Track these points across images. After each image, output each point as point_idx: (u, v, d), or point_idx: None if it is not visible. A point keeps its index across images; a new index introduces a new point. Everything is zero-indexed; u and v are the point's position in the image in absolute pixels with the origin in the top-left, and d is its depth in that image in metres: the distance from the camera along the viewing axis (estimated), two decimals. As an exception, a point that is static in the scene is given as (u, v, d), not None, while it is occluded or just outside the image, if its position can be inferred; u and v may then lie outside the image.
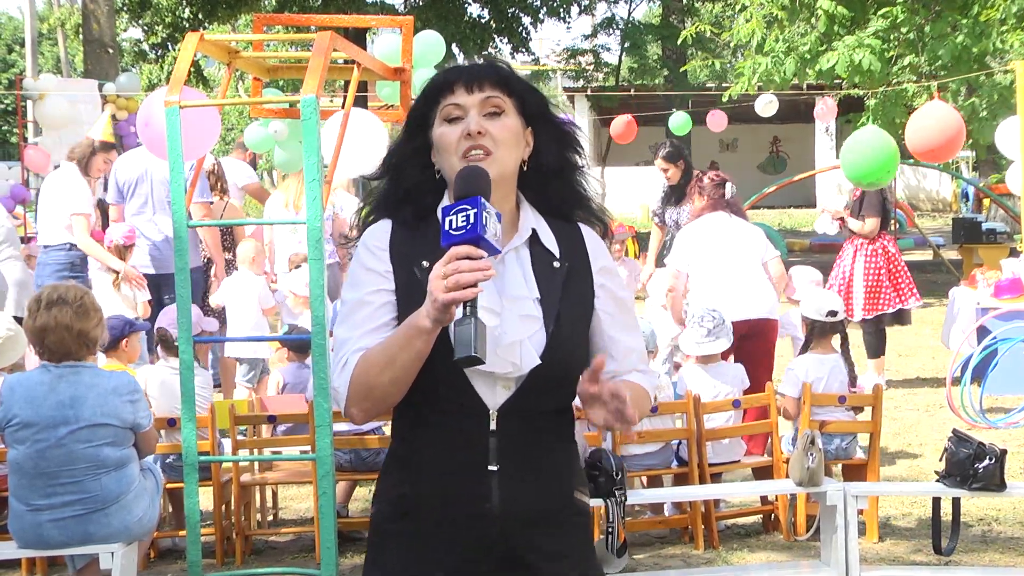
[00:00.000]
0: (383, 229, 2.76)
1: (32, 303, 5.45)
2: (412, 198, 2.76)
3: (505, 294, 2.66)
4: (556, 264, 2.73)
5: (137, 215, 9.74)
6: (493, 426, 2.64)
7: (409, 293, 2.65)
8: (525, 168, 2.76)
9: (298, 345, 7.77)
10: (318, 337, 5.45)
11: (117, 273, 9.21)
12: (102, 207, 10.39)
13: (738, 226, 8.30)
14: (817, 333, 7.26)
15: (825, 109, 17.41)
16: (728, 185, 8.43)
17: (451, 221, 2.46)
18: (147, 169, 9.64)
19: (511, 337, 2.62)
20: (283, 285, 9.69)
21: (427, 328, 2.50)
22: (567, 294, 2.71)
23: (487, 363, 2.48)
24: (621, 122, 18.86)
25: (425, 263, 2.61)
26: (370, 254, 2.73)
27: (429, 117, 2.74)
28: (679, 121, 19.74)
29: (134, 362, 7.28)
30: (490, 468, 2.64)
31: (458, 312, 2.44)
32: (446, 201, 2.70)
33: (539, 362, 2.62)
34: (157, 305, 9.09)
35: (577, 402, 2.75)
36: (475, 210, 2.44)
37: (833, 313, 7.27)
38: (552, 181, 2.80)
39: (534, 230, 2.74)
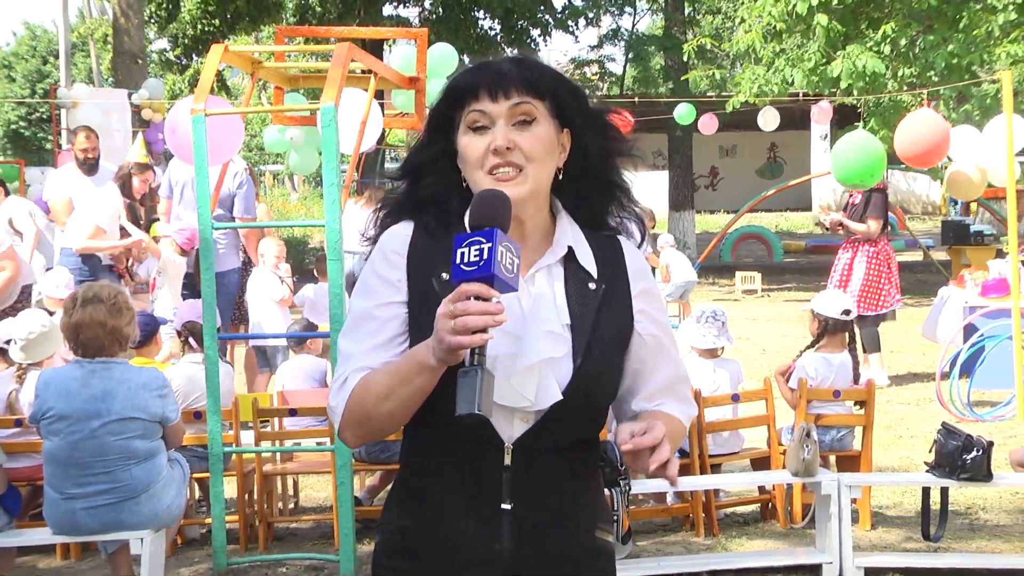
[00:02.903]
0: (404, 233, 2.38)
1: (68, 301, 5.49)
2: (437, 202, 2.39)
3: (530, 317, 2.28)
4: (592, 285, 2.35)
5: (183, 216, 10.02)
6: (508, 461, 2.27)
7: (424, 305, 2.29)
8: (560, 176, 2.38)
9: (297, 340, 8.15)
10: (336, 334, 5.47)
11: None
12: (133, 212, 10.45)
13: None
14: (829, 331, 7.27)
15: (821, 112, 17.41)
16: None
17: (463, 254, 2.12)
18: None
19: (530, 358, 2.25)
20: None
21: (431, 366, 2.16)
22: (601, 320, 2.33)
23: (498, 396, 2.17)
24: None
25: (445, 275, 2.25)
26: (384, 261, 2.37)
27: (454, 120, 2.35)
28: (684, 111, 19.66)
29: (159, 356, 7.33)
30: (503, 507, 2.28)
31: (464, 358, 2.12)
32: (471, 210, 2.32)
33: (559, 398, 2.25)
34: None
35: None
36: (489, 244, 2.10)
37: (847, 312, 7.29)
38: (592, 181, 2.41)
39: (570, 247, 2.36)
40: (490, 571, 2.30)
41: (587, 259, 2.37)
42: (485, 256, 2.10)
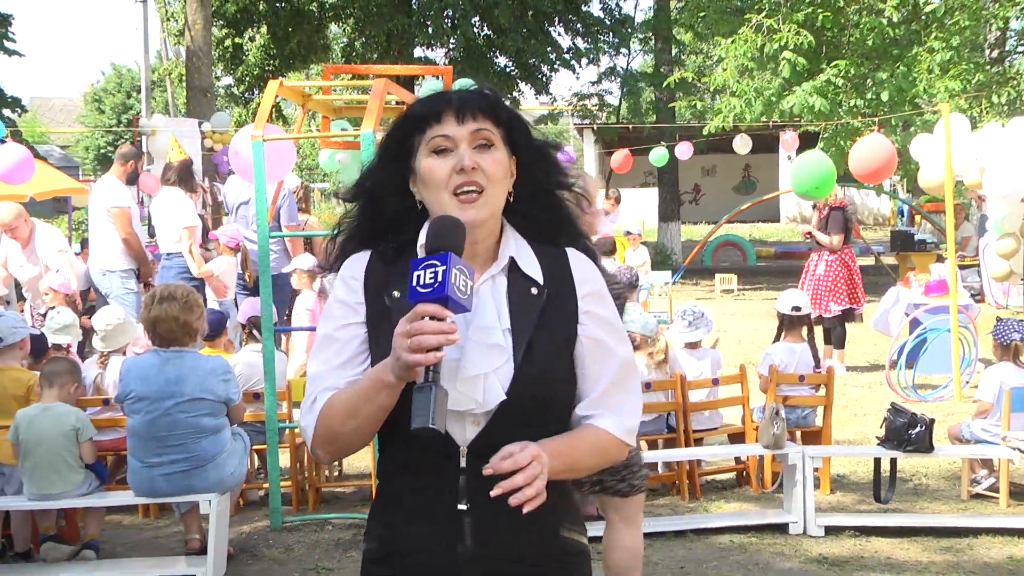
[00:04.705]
0: (360, 260, 2.19)
1: (148, 298, 5.51)
2: (392, 228, 2.19)
3: (472, 325, 2.07)
4: (535, 291, 2.13)
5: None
6: (463, 463, 2.05)
7: (381, 324, 2.09)
8: (511, 199, 2.18)
9: None
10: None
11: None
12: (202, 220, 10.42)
13: None
14: (787, 325, 7.26)
15: (789, 140, 17.46)
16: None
17: (419, 277, 1.94)
18: (252, 196, 9.73)
19: (473, 370, 2.04)
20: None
21: (391, 383, 1.97)
22: (544, 323, 2.11)
23: (449, 401, 1.98)
24: (620, 156, 18.78)
25: (396, 292, 2.08)
26: (344, 286, 2.17)
27: (412, 145, 2.15)
28: (658, 155, 19.55)
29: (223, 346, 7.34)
30: (459, 507, 2.05)
31: (420, 374, 1.94)
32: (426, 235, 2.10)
33: (504, 398, 2.04)
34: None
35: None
36: (443, 267, 1.93)
37: (797, 308, 7.26)
38: (537, 207, 2.21)
39: (512, 258, 2.15)
40: (456, 571, 2.08)
41: (531, 267, 2.16)
42: (440, 278, 1.93)
